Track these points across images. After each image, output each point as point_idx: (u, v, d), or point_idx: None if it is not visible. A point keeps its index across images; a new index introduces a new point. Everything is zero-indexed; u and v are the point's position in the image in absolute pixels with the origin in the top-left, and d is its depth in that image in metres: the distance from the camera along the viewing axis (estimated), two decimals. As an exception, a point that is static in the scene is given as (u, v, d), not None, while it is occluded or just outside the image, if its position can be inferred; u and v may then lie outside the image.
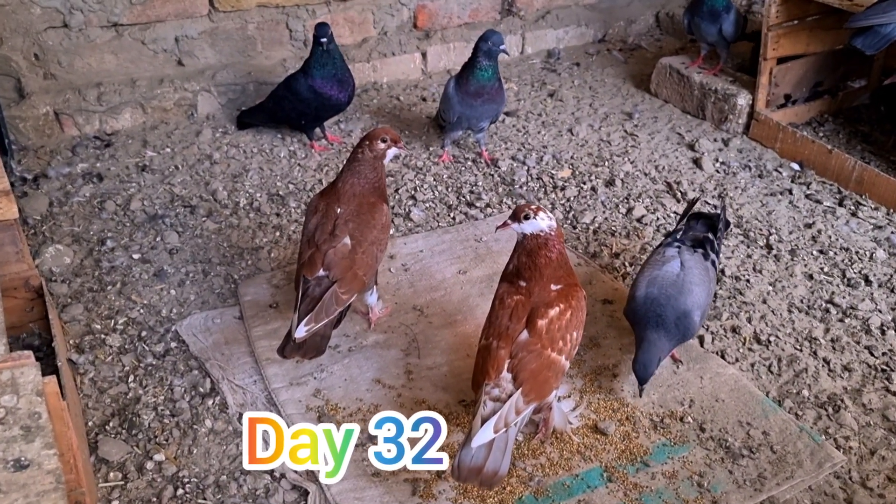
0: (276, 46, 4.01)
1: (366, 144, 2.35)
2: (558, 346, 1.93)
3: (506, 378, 1.89)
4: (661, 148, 3.55)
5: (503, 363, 1.89)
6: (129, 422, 2.16)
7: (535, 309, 1.95)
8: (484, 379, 1.90)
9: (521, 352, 1.90)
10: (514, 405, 1.86)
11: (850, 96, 3.79)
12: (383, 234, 2.36)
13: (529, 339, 1.91)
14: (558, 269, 2.00)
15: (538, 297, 1.96)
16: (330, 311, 2.19)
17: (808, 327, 2.50)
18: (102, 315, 2.56)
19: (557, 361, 1.94)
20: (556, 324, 1.93)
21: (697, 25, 3.72)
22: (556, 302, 1.96)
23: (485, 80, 3.24)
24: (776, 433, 2.11)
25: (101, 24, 3.62)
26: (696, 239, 2.42)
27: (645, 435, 2.12)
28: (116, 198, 3.17)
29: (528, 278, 1.99)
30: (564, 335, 1.95)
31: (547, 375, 1.91)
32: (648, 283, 2.25)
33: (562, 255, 2.01)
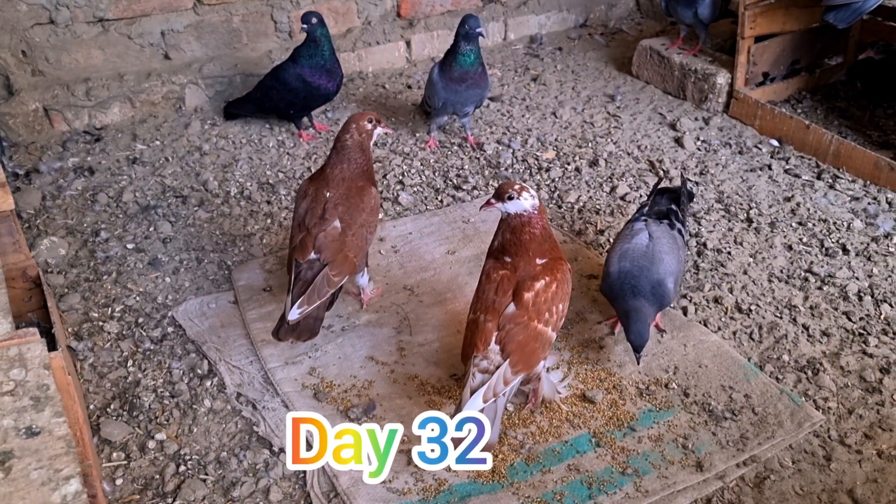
0: (262, 38, 4.05)
1: (352, 128, 2.40)
2: (545, 317, 1.99)
3: (494, 350, 1.95)
4: (644, 128, 3.62)
5: (491, 335, 1.95)
6: (129, 404, 2.22)
7: (521, 282, 2.00)
8: (472, 351, 1.96)
9: (508, 324, 1.95)
10: (502, 376, 1.92)
11: (826, 73, 3.86)
12: (372, 217, 2.41)
13: (516, 312, 1.97)
14: (542, 244, 2.05)
15: (524, 271, 2.02)
16: (322, 294, 2.24)
17: (788, 296, 2.57)
18: (99, 303, 2.61)
19: (544, 333, 1.99)
20: (542, 296, 1.99)
21: (674, 8, 3.79)
22: (542, 275, 2.01)
23: (468, 65, 3.30)
24: (757, 396, 2.18)
25: (87, 19, 3.66)
26: (661, 212, 2.51)
27: (631, 402, 2.19)
28: (108, 190, 3.21)
29: (512, 254, 2.04)
30: (550, 307, 2.00)
31: (534, 346, 1.97)
32: (620, 257, 2.33)
33: (545, 231, 2.06)
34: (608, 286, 2.33)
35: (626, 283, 2.26)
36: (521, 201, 2.00)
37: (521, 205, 2.01)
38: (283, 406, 2.18)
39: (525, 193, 2.00)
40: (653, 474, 1.99)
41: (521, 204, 2.01)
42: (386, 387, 2.25)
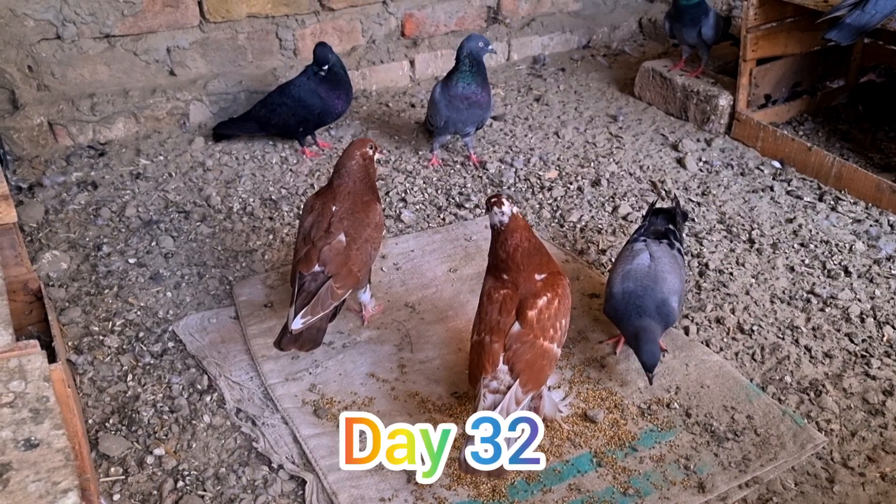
0: (267, 56, 4.08)
1: (357, 155, 2.43)
2: (549, 334, 1.98)
3: (502, 370, 1.93)
4: (646, 149, 3.63)
5: (498, 356, 1.94)
6: (128, 418, 2.21)
7: (523, 300, 2.00)
8: (481, 373, 1.94)
9: (514, 343, 1.94)
10: (513, 396, 1.90)
11: (828, 96, 3.88)
12: (377, 233, 2.42)
13: (522, 331, 1.96)
14: (534, 257, 2.05)
15: (524, 288, 2.02)
16: (325, 305, 2.24)
17: (790, 317, 2.57)
18: (100, 317, 2.61)
19: (550, 350, 1.99)
20: (546, 313, 1.99)
21: (679, 30, 3.81)
22: (543, 292, 2.01)
23: (469, 82, 3.31)
24: (760, 417, 2.17)
25: (93, 35, 3.69)
26: (659, 232, 2.51)
27: (633, 422, 2.18)
28: (111, 205, 3.22)
29: (508, 270, 2.05)
30: (554, 323, 2.00)
31: (542, 364, 1.96)
32: (623, 277, 2.32)
33: (532, 243, 2.07)
34: (612, 307, 2.32)
35: (631, 304, 2.25)
36: (494, 214, 2.05)
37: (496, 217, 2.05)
38: (282, 422, 2.17)
39: (503, 206, 2.05)
40: (654, 495, 1.97)
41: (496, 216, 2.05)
42: (386, 404, 2.24)
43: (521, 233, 2.05)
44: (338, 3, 4.11)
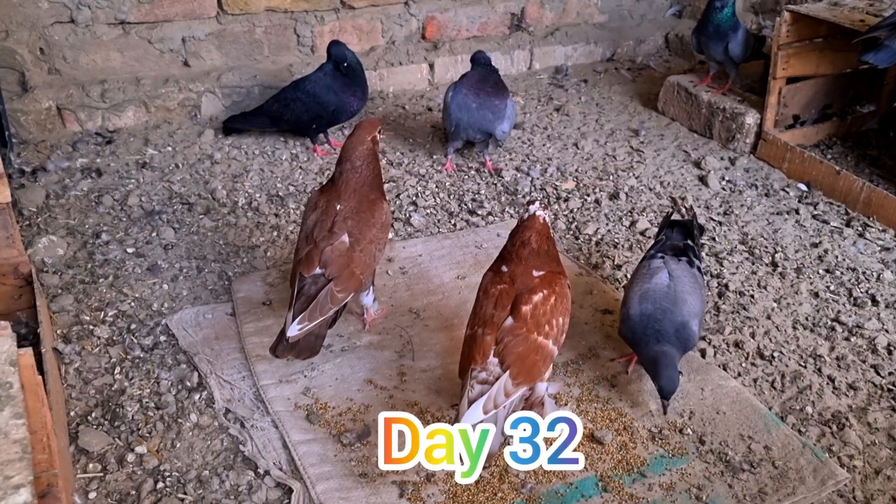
0: (283, 51, 4.00)
1: (367, 140, 2.31)
2: (544, 330, 1.93)
3: (493, 363, 1.88)
4: (667, 164, 3.51)
5: (489, 349, 1.89)
6: (112, 413, 2.10)
7: (518, 295, 1.95)
8: (470, 365, 1.89)
9: (506, 336, 1.90)
10: (502, 387, 1.84)
11: (858, 120, 3.75)
12: (382, 233, 2.31)
13: (514, 324, 1.91)
14: (540, 257, 2.01)
15: (521, 283, 1.97)
16: (325, 310, 2.13)
17: (813, 345, 2.44)
18: (92, 307, 2.51)
19: (545, 346, 1.93)
20: (541, 308, 1.93)
21: (705, 44, 3.70)
22: (540, 288, 1.96)
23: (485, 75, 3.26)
24: (778, 448, 2.04)
25: (108, 21, 3.62)
26: (677, 248, 2.38)
27: (643, 446, 2.05)
28: (114, 193, 3.13)
29: (509, 262, 2.01)
30: (550, 320, 1.94)
31: (535, 359, 1.90)
32: (641, 298, 2.20)
33: (541, 246, 2.02)
34: (629, 330, 2.19)
35: (650, 328, 2.13)
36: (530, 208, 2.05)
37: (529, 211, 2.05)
38: (272, 426, 2.06)
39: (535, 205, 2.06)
40: (662, 526, 1.85)
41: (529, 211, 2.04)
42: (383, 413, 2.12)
43: (535, 233, 2.02)
44: (359, 2, 4.02)
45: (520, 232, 2.03)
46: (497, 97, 3.29)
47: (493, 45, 4.35)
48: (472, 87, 3.29)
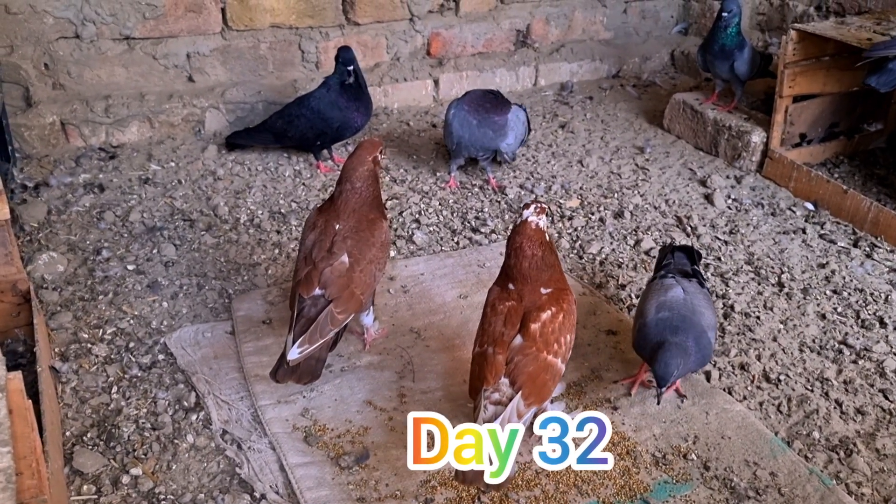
0: (288, 67, 3.99)
1: (368, 160, 2.29)
2: (553, 348, 1.92)
3: (504, 383, 1.87)
4: (673, 182, 3.49)
5: (501, 368, 1.88)
6: (107, 433, 2.08)
7: (527, 313, 1.94)
8: (482, 385, 1.87)
9: (516, 356, 1.88)
10: (515, 408, 1.84)
11: (865, 139, 3.72)
12: (382, 253, 2.29)
13: (524, 344, 1.90)
14: (544, 271, 1.99)
15: (529, 301, 1.95)
16: (325, 332, 2.11)
17: (820, 368, 2.40)
18: (91, 324, 2.49)
19: (553, 364, 1.92)
20: (550, 327, 1.92)
21: (711, 63, 3.68)
22: (548, 305, 1.95)
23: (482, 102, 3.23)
24: (784, 475, 2.00)
25: (113, 36, 3.62)
26: (685, 271, 2.35)
27: (646, 471, 2.01)
28: (116, 209, 3.12)
29: (514, 278, 1.99)
30: (559, 338, 1.94)
31: (545, 378, 1.90)
32: (658, 307, 2.16)
33: (545, 257, 1.99)
34: (644, 336, 2.13)
35: (667, 329, 2.08)
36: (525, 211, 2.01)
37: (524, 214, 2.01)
38: (269, 448, 2.03)
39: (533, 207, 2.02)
40: (666, 554, 1.81)
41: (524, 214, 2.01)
42: (382, 435, 2.09)
43: (526, 240, 1.98)
44: (363, 18, 4.02)
45: (511, 239, 2.01)
46: (497, 113, 3.27)
47: (498, 62, 4.34)
48: (472, 104, 3.27)
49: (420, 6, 4.10)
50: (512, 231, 2.03)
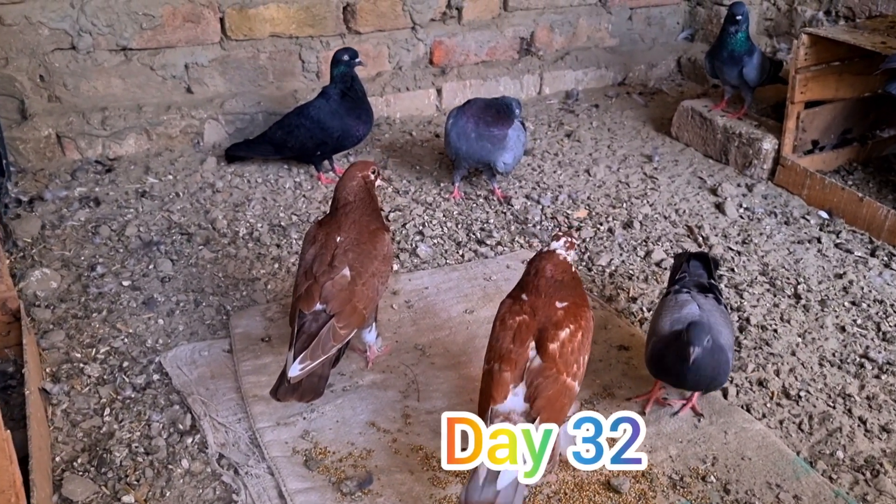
0: (288, 77, 3.92)
1: (358, 177, 2.23)
2: (573, 370, 1.82)
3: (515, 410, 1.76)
4: (682, 191, 3.40)
5: (508, 387, 1.77)
6: (99, 459, 1.99)
7: (543, 330, 1.83)
8: (489, 404, 1.77)
9: (536, 379, 1.77)
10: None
11: (879, 145, 3.63)
12: (385, 266, 2.20)
13: (544, 365, 1.79)
14: (563, 289, 1.89)
15: (543, 315, 1.85)
16: (327, 348, 2.02)
17: (842, 383, 2.30)
18: (84, 343, 2.41)
19: (572, 387, 1.83)
20: (569, 346, 1.82)
21: (720, 69, 3.61)
22: (566, 322, 1.84)
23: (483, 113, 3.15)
24: (809, 498, 1.90)
25: (109, 47, 3.55)
26: (700, 284, 2.25)
27: (663, 495, 1.92)
28: (112, 223, 3.04)
29: (528, 290, 1.90)
30: (578, 358, 1.84)
31: (563, 402, 1.80)
32: (672, 323, 2.07)
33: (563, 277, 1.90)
34: (658, 350, 2.05)
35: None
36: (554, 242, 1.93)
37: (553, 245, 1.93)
38: (268, 473, 1.94)
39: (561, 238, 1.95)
40: (686, 584, 1.71)
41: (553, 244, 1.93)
42: (386, 458, 2.00)
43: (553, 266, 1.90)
44: (365, 27, 3.95)
45: (541, 260, 1.92)
46: (497, 126, 3.16)
47: (502, 70, 4.27)
48: (472, 115, 3.17)
49: (422, 14, 4.03)
50: (541, 254, 1.94)
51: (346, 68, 3.28)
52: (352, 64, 3.27)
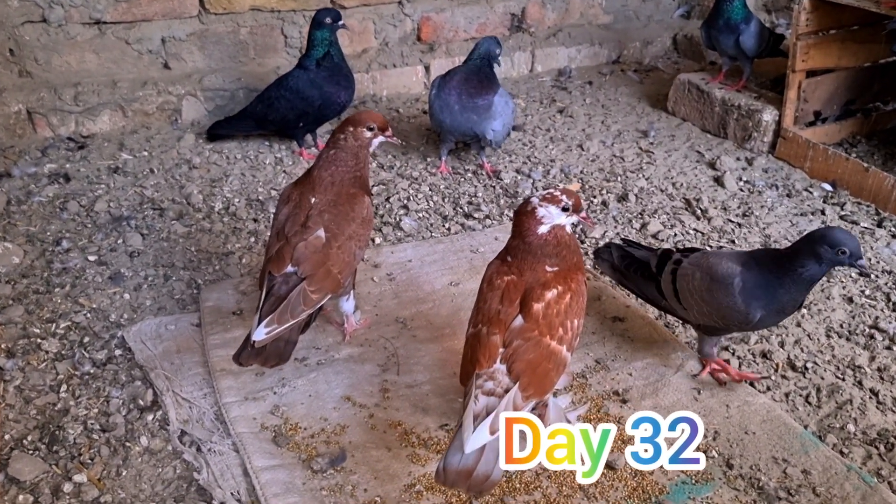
0: (270, 52, 3.78)
1: (349, 131, 2.06)
2: (558, 333, 1.65)
3: (500, 370, 1.61)
4: (679, 165, 3.26)
5: (496, 350, 1.62)
6: (51, 436, 1.84)
7: (529, 290, 1.67)
8: (475, 369, 1.62)
9: (515, 339, 1.62)
10: (511, 402, 1.58)
11: (883, 117, 3.49)
12: (363, 229, 2.05)
13: (525, 325, 1.64)
14: (555, 249, 1.71)
15: (531, 276, 1.69)
16: (296, 312, 1.87)
17: (851, 354, 2.16)
18: (43, 318, 2.26)
19: (558, 352, 1.65)
20: (555, 308, 1.65)
21: (716, 38, 3.47)
22: (553, 283, 1.68)
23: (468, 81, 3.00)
24: (819, 472, 1.76)
25: (82, 20, 3.41)
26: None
27: (660, 470, 1.77)
28: (81, 199, 2.90)
29: (517, 252, 1.72)
30: (564, 321, 1.66)
31: (547, 367, 1.63)
32: (730, 265, 1.90)
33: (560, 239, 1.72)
34: (736, 301, 1.89)
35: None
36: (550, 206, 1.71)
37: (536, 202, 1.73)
38: (232, 450, 1.79)
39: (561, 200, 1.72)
40: (686, 565, 1.57)
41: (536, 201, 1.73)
42: (361, 434, 1.85)
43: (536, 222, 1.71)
44: (350, 1, 3.81)
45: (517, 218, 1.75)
46: (481, 95, 3.01)
47: (492, 47, 4.12)
48: (455, 86, 3.02)
49: (409, -12, 3.90)
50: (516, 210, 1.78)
51: (328, 32, 3.11)
52: (335, 27, 3.11)
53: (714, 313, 1.91)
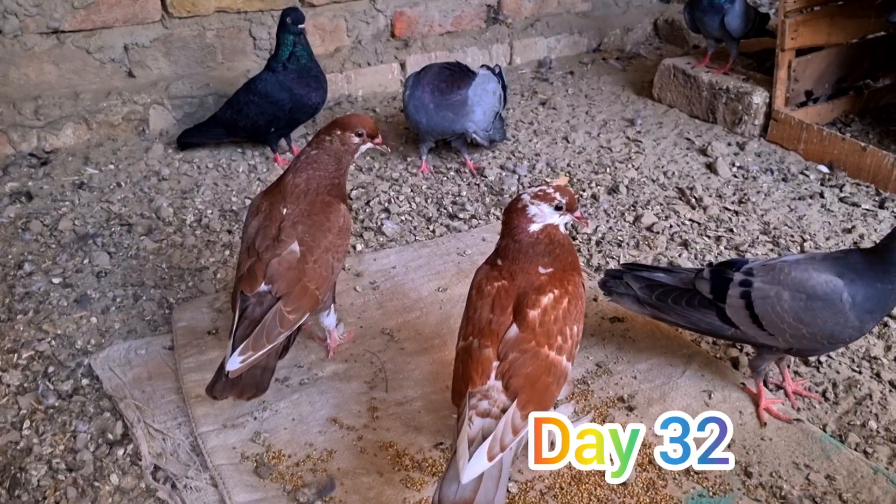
0: (239, 56, 3.63)
1: (336, 134, 1.93)
2: (557, 342, 1.52)
3: (495, 387, 1.47)
4: (669, 153, 3.14)
5: (490, 365, 1.49)
6: (12, 479, 1.69)
7: (523, 296, 1.54)
8: (467, 387, 1.48)
9: (511, 352, 1.49)
10: (509, 423, 1.44)
11: (876, 95, 3.39)
12: (341, 240, 1.91)
13: (520, 335, 1.50)
14: (548, 248, 1.60)
15: (523, 280, 1.56)
16: (273, 336, 1.73)
17: (865, 345, 2.05)
18: (4, 349, 2.11)
19: (558, 363, 1.52)
20: (552, 314, 1.53)
21: (700, 20, 3.35)
22: (549, 287, 1.55)
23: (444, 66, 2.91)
24: (844, 477, 1.64)
25: (39, 30, 3.25)
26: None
27: (675, 483, 1.65)
28: (45, 218, 2.74)
29: (507, 254, 1.60)
30: (563, 329, 1.54)
31: (546, 381, 1.50)
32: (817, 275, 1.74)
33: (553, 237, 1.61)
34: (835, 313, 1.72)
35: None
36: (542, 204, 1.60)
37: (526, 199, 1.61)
38: (210, 485, 1.65)
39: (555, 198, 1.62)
40: (709, 587, 1.45)
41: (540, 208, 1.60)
42: (350, 459, 1.72)
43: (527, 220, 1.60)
44: (319, -1, 3.67)
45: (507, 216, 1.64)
46: (453, 91, 2.88)
47: (468, 40, 4.00)
48: (427, 83, 2.89)
49: (380, -17, 3.76)
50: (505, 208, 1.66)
51: (290, 34, 2.98)
52: (295, 30, 2.97)
53: (818, 334, 1.72)
